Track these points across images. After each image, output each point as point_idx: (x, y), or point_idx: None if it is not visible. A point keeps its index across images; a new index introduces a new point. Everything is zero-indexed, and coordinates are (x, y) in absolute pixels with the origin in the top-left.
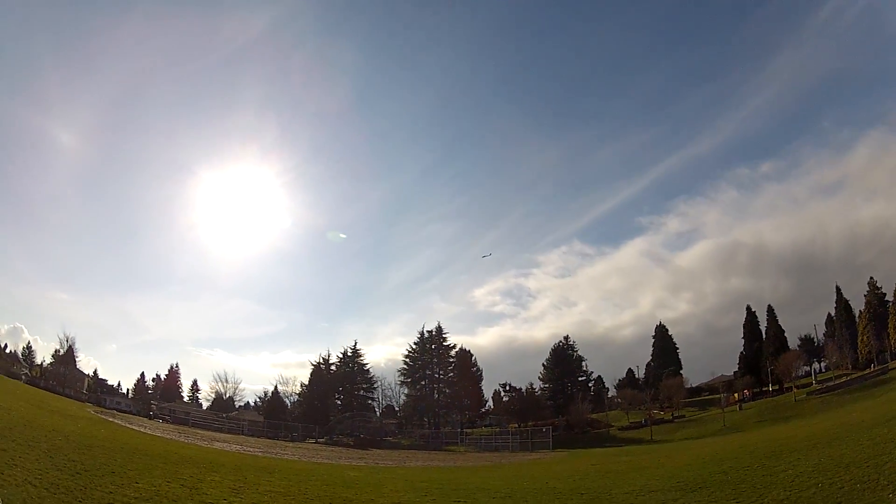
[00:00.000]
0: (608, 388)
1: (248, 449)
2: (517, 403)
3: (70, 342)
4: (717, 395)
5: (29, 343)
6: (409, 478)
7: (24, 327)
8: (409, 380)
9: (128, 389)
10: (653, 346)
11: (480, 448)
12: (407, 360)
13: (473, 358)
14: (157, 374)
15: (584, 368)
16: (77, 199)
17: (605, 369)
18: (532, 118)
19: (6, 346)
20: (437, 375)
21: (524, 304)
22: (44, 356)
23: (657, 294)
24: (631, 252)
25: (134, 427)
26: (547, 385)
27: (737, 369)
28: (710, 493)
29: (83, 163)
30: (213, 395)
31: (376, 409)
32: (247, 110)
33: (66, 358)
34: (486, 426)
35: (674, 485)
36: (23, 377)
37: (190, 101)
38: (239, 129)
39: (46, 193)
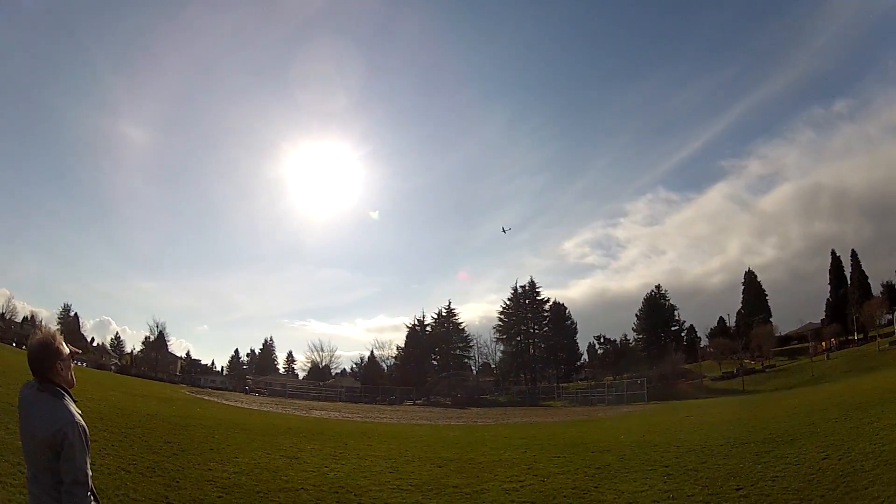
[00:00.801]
0: (700, 338)
1: (347, 415)
2: (611, 356)
3: (160, 327)
4: (806, 345)
5: (117, 333)
6: (507, 435)
7: (111, 319)
8: (504, 336)
9: (222, 367)
10: (742, 293)
11: (576, 402)
12: (501, 316)
13: (567, 311)
14: (251, 350)
15: (677, 318)
16: (154, 189)
17: (697, 318)
18: (606, 65)
19: (93, 339)
20: (531, 330)
21: (614, 255)
22: (133, 345)
23: (743, 239)
24: (715, 197)
25: (230, 403)
26: (640, 336)
27: (824, 317)
28: (800, 445)
29: (157, 154)
30: (309, 365)
31: (473, 368)
32: (318, 84)
33: (156, 343)
34: (581, 380)
35: (766, 437)
36: (112, 367)
37: (258, 81)
38: (314, 103)
39: (123, 189)
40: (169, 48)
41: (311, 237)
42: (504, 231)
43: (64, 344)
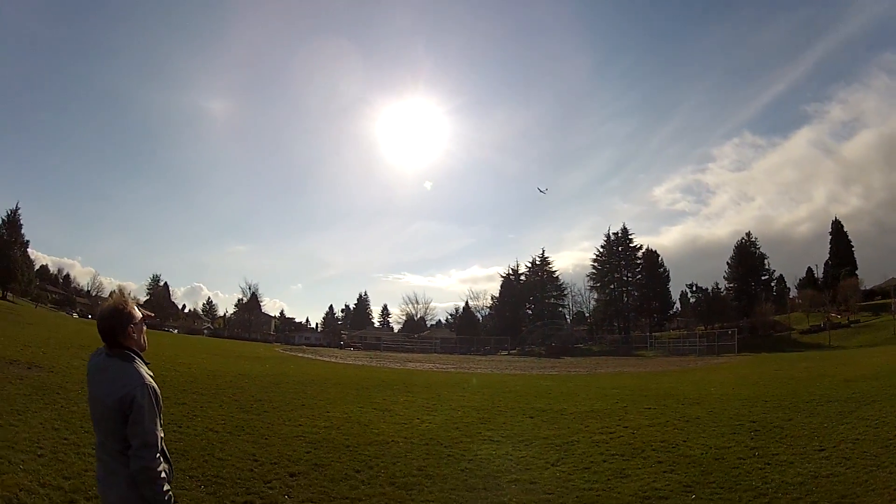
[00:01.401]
0: (789, 289)
1: (441, 366)
2: (703, 305)
3: (252, 289)
4: (889, 300)
5: (209, 298)
6: (600, 385)
7: (202, 286)
8: (598, 284)
9: (316, 324)
10: (830, 243)
11: (668, 352)
12: (595, 264)
13: (660, 258)
14: (345, 305)
15: (767, 267)
16: (239, 156)
17: (786, 268)
18: (684, 9)
19: (184, 306)
20: (625, 278)
21: (704, 201)
22: (226, 308)
23: (829, 187)
24: (800, 142)
25: (324, 359)
26: (732, 285)
27: None
28: (881, 406)
29: (237, 122)
30: (404, 318)
31: (567, 317)
32: (399, 39)
33: (249, 305)
34: (673, 329)
35: (849, 395)
36: (205, 331)
37: (336, 40)
38: (396, 59)
39: (206, 159)
40: (237, 16)
41: (403, 191)
42: (540, 191)
43: (136, 308)
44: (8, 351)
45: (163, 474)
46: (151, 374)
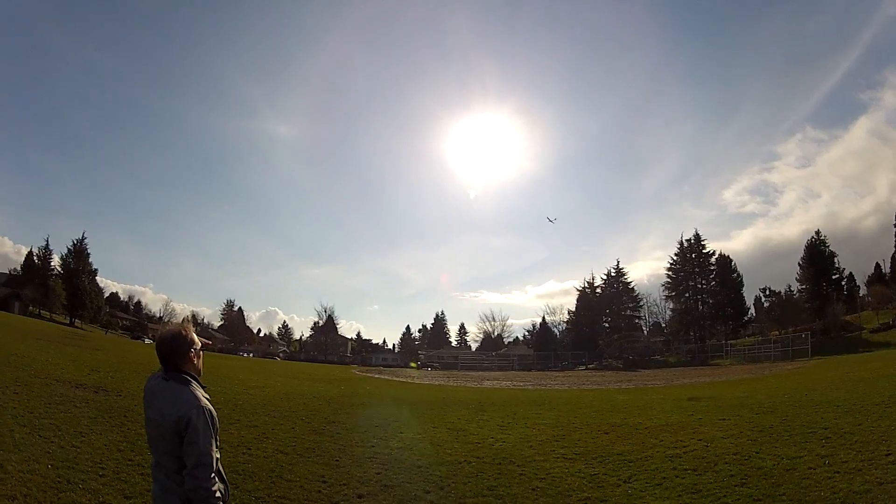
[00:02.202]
0: (859, 286)
1: (518, 383)
2: (776, 309)
3: (328, 312)
4: None
5: (284, 322)
6: (675, 397)
7: (277, 309)
8: (673, 293)
9: (393, 345)
10: (895, 235)
11: (743, 359)
12: (669, 272)
13: (733, 263)
14: (422, 325)
15: (837, 265)
16: (310, 179)
17: (855, 265)
18: (733, 3)
19: (259, 330)
20: (699, 286)
21: (772, 201)
22: (302, 331)
23: (891, 176)
24: (859, 133)
25: (400, 379)
26: (804, 287)
27: None
28: None
29: (307, 145)
30: (482, 336)
31: (643, 328)
32: (465, 53)
33: (325, 327)
34: (748, 335)
35: None
36: (280, 355)
37: (398, 61)
38: (462, 72)
39: (278, 183)
40: (297, 43)
41: (477, 206)
42: (550, 221)
43: (195, 335)
44: (75, 375)
45: (217, 493)
46: (208, 396)
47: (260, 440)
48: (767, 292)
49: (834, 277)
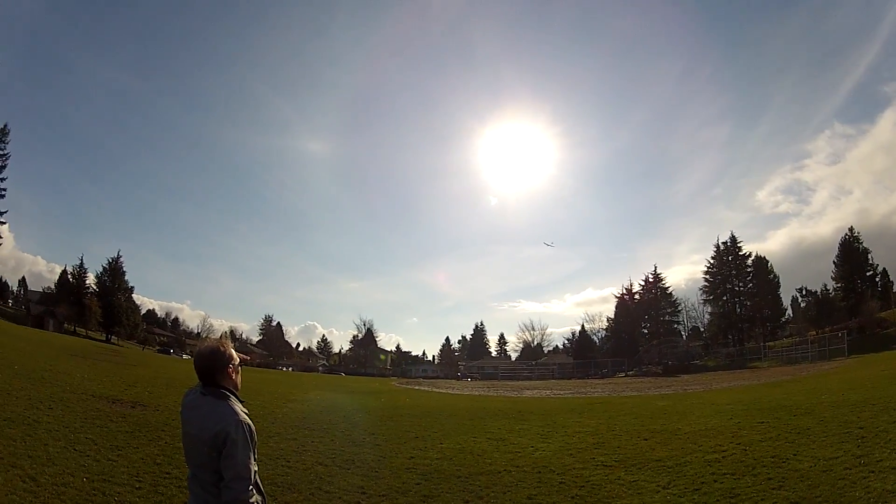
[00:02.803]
0: (893, 282)
1: (558, 392)
2: (813, 309)
3: (367, 325)
4: None
5: (323, 336)
6: (714, 401)
7: (316, 324)
8: (710, 297)
9: (433, 356)
10: None
11: (781, 361)
12: (706, 276)
13: (769, 265)
14: (461, 336)
15: (871, 262)
16: (345, 194)
17: (889, 261)
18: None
19: (298, 344)
20: (736, 288)
21: (805, 200)
22: (341, 345)
23: None
24: (886, 125)
25: (440, 391)
26: (839, 285)
27: None
28: None
29: (340, 161)
30: (521, 345)
31: (682, 333)
32: (495, 64)
33: (365, 340)
34: (786, 336)
35: None
36: (320, 368)
37: (433, 72)
38: (494, 83)
39: (313, 198)
40: (327, 59)
41: (511, 218)
42: (547, 245)
43: (233, 350)
44: (111, 391)
45: None
46: (247, 411)
47: (299, 452)
48: (804, 292)
49: (868, 274)
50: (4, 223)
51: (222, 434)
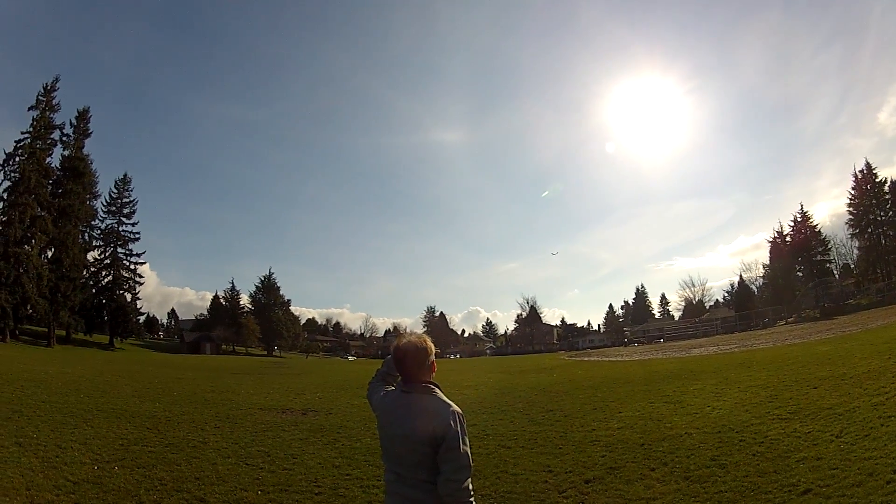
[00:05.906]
0: None
1: (724, 347)
2: None
3: (530, 302)
4: None
5: (487, 319)
6: (872, 341)
7: (479, 308)
8: (856, 231)
9: (598, 325)
10: None
11: None
12: (850, 209)
13: None
14: (624, 301)
15: None
16: (482, 180)
17: None
18: None
19: (463, 331)
20: (879, 219)
21: None
22: (506, 325)
23: None
24: None
25: (609, 359)
26: None
27: None
28: None
29: (474, 148)
30: (683, 304)
31: (834, 272)
32: (628, 20)
33: (529, 318)
34: None
35: None
36: (487, 351)
37: (555, 38)
38: (627, 37)
39: (455, 189)
40: (441, 49)
41: (654, 176)
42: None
43: (432, 343)
44: (280, 401)
45: (472, 497)
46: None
47: (481, 437)
48: None
49: None
50: (144, 263)
51: (441, 429)
